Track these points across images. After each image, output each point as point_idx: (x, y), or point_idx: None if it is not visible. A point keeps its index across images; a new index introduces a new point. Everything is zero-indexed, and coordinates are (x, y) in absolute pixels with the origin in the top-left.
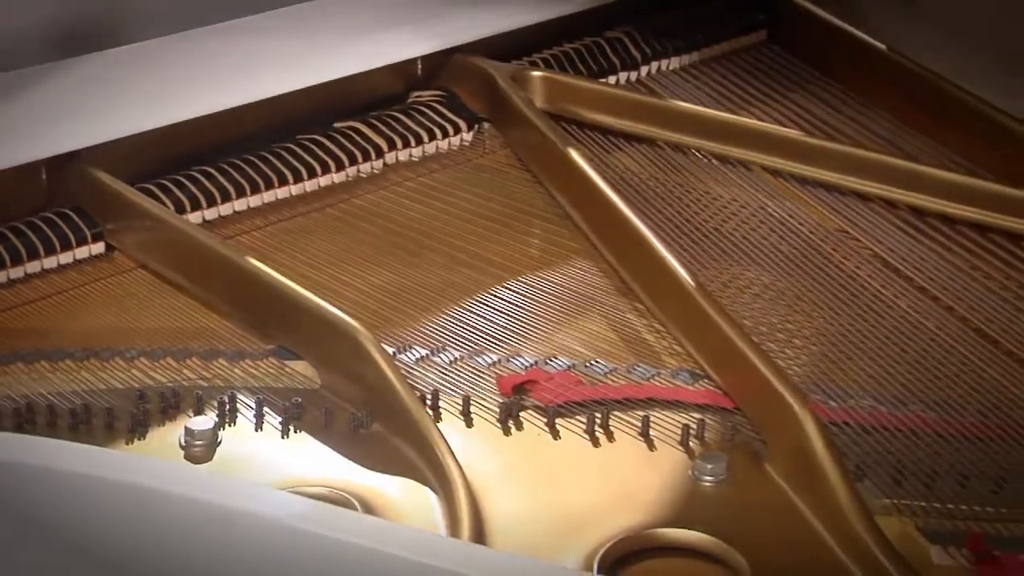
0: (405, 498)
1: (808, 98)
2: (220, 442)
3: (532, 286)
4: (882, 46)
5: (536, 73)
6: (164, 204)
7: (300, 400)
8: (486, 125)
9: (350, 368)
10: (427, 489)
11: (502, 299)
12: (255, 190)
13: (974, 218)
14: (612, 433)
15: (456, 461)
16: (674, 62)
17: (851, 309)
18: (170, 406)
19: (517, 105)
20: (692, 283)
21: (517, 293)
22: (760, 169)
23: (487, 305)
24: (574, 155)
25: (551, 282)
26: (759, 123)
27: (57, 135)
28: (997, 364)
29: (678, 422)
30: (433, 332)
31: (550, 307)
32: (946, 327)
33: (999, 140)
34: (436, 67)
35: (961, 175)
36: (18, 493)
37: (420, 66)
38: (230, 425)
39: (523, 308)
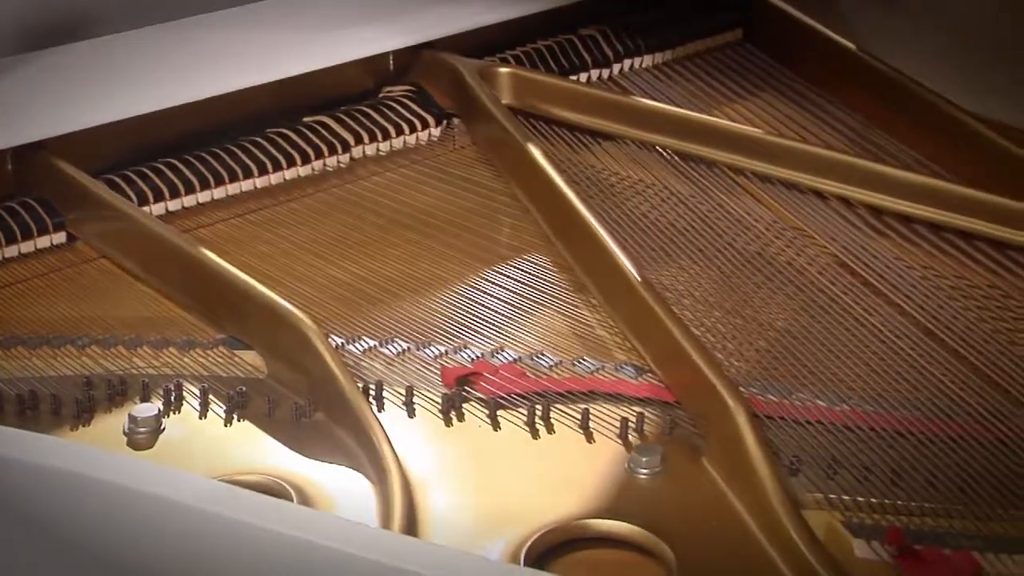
0: (341, 487)
1: (778, 97)
2: (163, 429)
3: (488, 280)
4: (851, 45)
5: (503, 69)
6: (129, 195)
7: (245, 389)
8: (456, 121)
9: (295, 358)
10: (365, 478)
11: (457, 292)
12: (219, 182)
13: (930, 217)
14: (552, 425)
15: (393, 451)
16: (647, 60)
17: (797, 304)
18: (117, 393)
19: (482, 101)
20: (637, 278)
21: (473, 287)
22: (722, 167)
23: (442, 298)
24: (532, 151)
25: (507, 276)
26: (721, 121)
27: (23, 125)
28: (939, 362)
29: (618, 415)
30: (385, 324)
31: (504, 301)
32: (890, 324)
33: (958, 138)
34: (407, 63)
35: (916, 174)
36: None
37: (392, 61)
38: (175, 413)
39: (477, 301)
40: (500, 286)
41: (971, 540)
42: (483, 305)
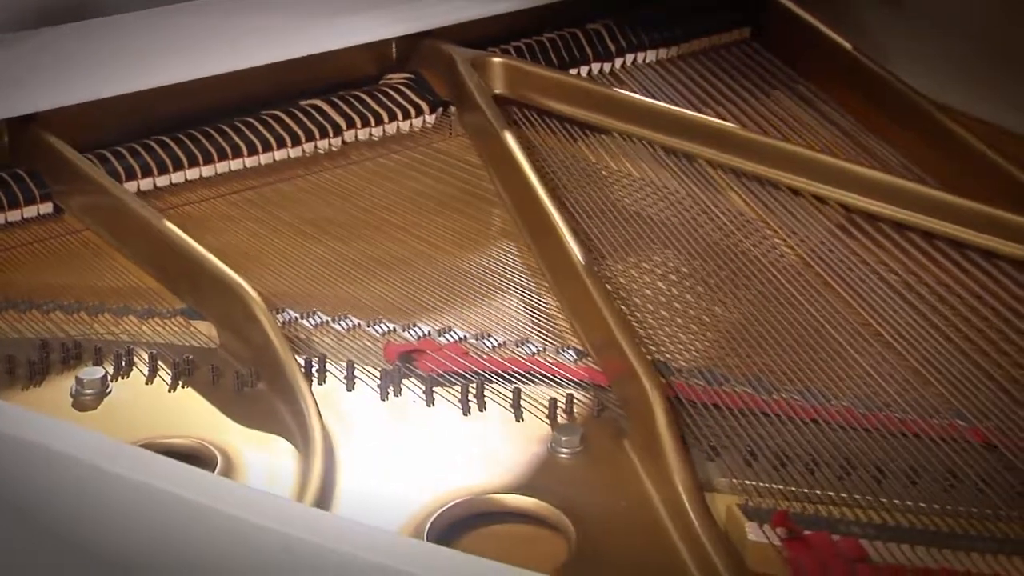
0: (266, 455)
1: (778, 96)
2: (110, 392)
3: (455, 263)
4: (847, 44)
5: (496, 60)
6: (119, 171)
7: (191, 357)
8: (452, 109)
9: (241, 329)
10: (292, 448)
11: (423, 274)
12: (208, 161)
13: (892, 215)
14: (485, 403)
15: (321, 423)
16: (650, 55)
17: (756, 298)
18: (71, 357)
19: (469, 89)
20: (583, 265)
21: (440, 269)
22: (703, 161)
23: (406, 279)
24: (508, 138)
25: (474, 260)
26: (706, 117)
27: (20, 98)
28: (869, 355)
29: (550, 396)
30: (346, 301)
31: (467, 283)
32: (831, 317)
33: (945, 144)
34: (410, 51)
35: (887, 175)
36: None
37: (395, 49)
38: (123, 377)
39: (440, 283)
40: (465, 270)
41: (861, 527)
42: (444, 286)
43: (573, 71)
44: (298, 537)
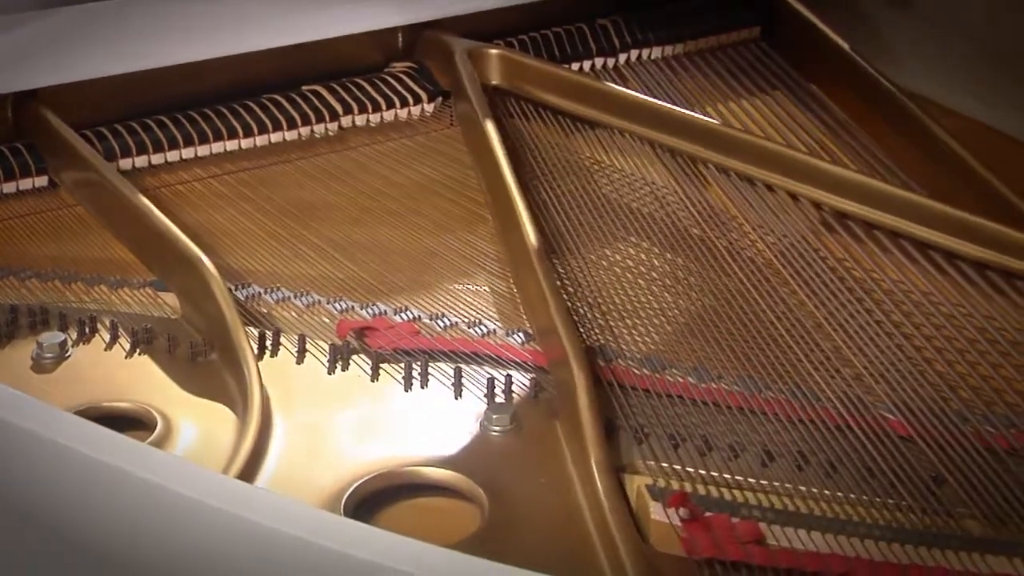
0: (207, 421)
1: (778, 96)
2: (69, 356)
3: (430, 247)
4: (845, 45)
5: (493, 51)
6: (114, 147)
7: (150, 326)
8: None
9: (199, 301)
10: (233, 416)
11: (396, 256)
12: (204, 140)
13: (861, 214)
14: (427, 380)
15: (262, 392)
16: (655, 52)
17: (712, 288)
18: (37, 322)
19: (461, 78)
20: (535, 250)
21: (412, 253)
22: (688, 156)
23: (379, 261)
24: (489, 127)
25: (448, 245)
26: (686, 112)
27: (23, 74)
28: (803, 346)
29: (490, 376)
30: (311, 279)
31: (434, 266)
32: (775, 308)
33: (923, 142)
34: (416, 40)
35: (855, 174)
36: None
37: (401, 38)
38: (85, 343)
39: (409, 266)
40: (437, 254)
41: (762, 512)
42: (414, 269)
43: (576, 66)
44: (218, 507)
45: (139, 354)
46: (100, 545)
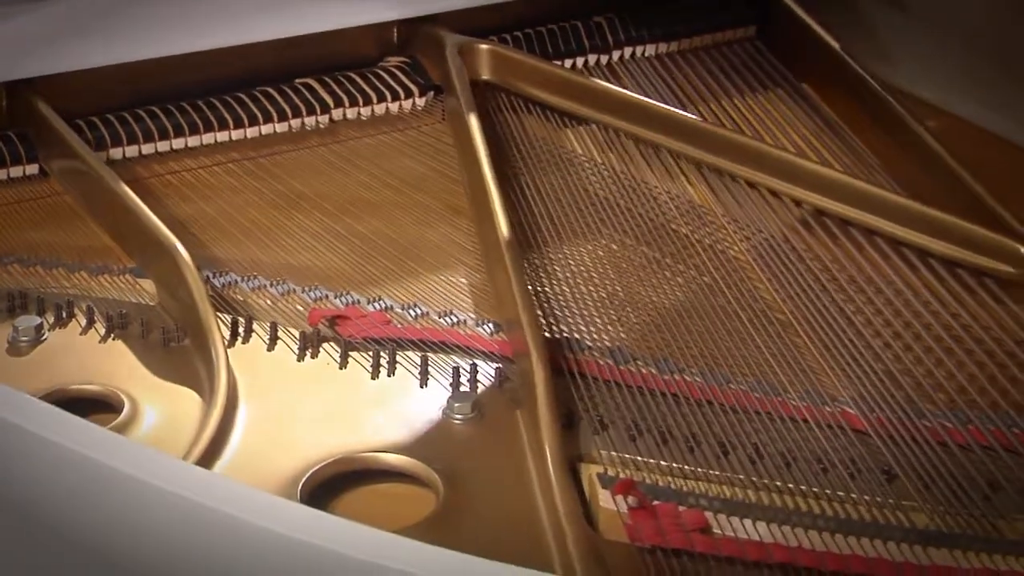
0: (173, 405)
1: (769, 95)
2: (45, 339)
3: (410, 239)
4: (835, 44)
5: (483, 46)
6: (105, 136)
7: (125, 311)
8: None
9: (173, 288)
10: (200, 401)
11: (376, 247)
12: (194, 131)
13: (837, 211)
14: (395, 369)
15: (229, 379)
16: (649, 49)
17: (683, 282)
18: (16, 306)
19: (450, 73)
20: (506, 243)
21: (393, 244)
22: (665, 151)
23: (358, 251)
24: (472, 121)
25: (428, 237)
26: (669, 108)
27: (16, 64)
28: (766, 340)
29: (455, 365)
30: (290, 268)
31: (412, 257)
32: (743, 301)
33: (906, 141)
34: (411, 35)
35: (833, 171)
36: None
37: (396, 33)
38: (61, 327)
39: (388, 256)
40: (417, 245)
41: (708, 501)
42: (392, 259)
43: (570, 62)
44: (180, 495)
45: (113, 339)
46: (64, 528)
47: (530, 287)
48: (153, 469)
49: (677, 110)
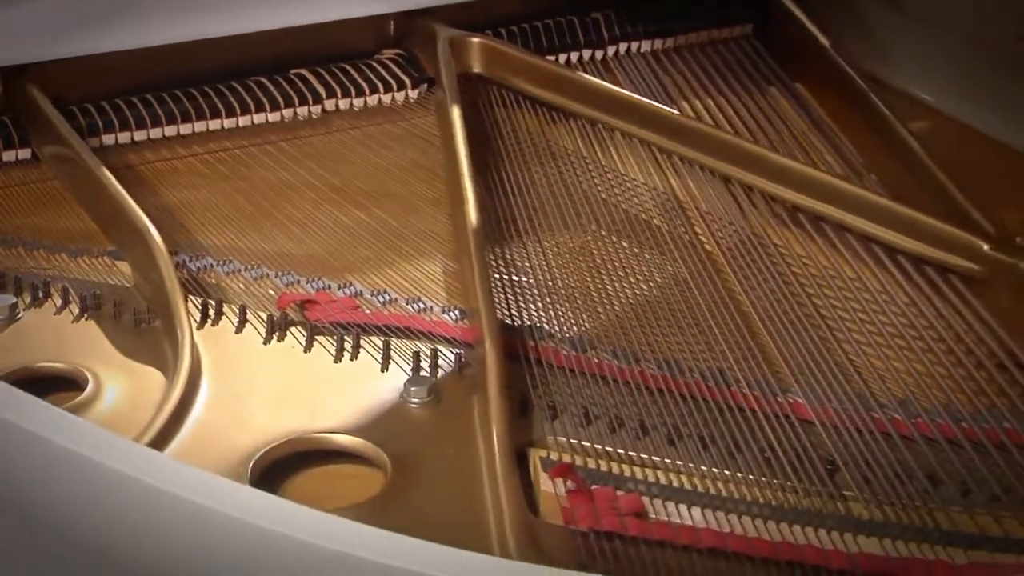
0: (137, 384)
1: (760, 93)
2: (19, 318)
3: (391, 228)
4: (825, 41)
5: (475, 39)
6: (98, 123)
7: (99, 292)
8: None
9: (146, 271)
10: (164, 381)
11: (356, 236)
12: (186, 119)
13: (810, 207)
14: (358, 353)
15: (192, 360)
16: (645, 45)
17: (652, 274)
18: None
19: (439, 65)
20: (473, 232)
21: (373, 233)
22: (648, 146)
23: (338, 239)
24: (455, 112)
25: (410, 226)
26: (656, 105)
27: (12, 51)
28: (729, 333)
29: (418, 349)
30: (266, 254)
31: (390, 246)
32: (711, 297)
33: (889, 140)
34: (407, 29)
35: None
36: None
37: (393, 26)
38: (37, 307)
39: (367, 245)
40: (397, 234)
41: (647, 486)
42: (371, 247)
43: (564, 57)
44: (135, 478)
45: (86, 319)
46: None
47: (498, 275)
48: (111, 451)
49: (660, 105)
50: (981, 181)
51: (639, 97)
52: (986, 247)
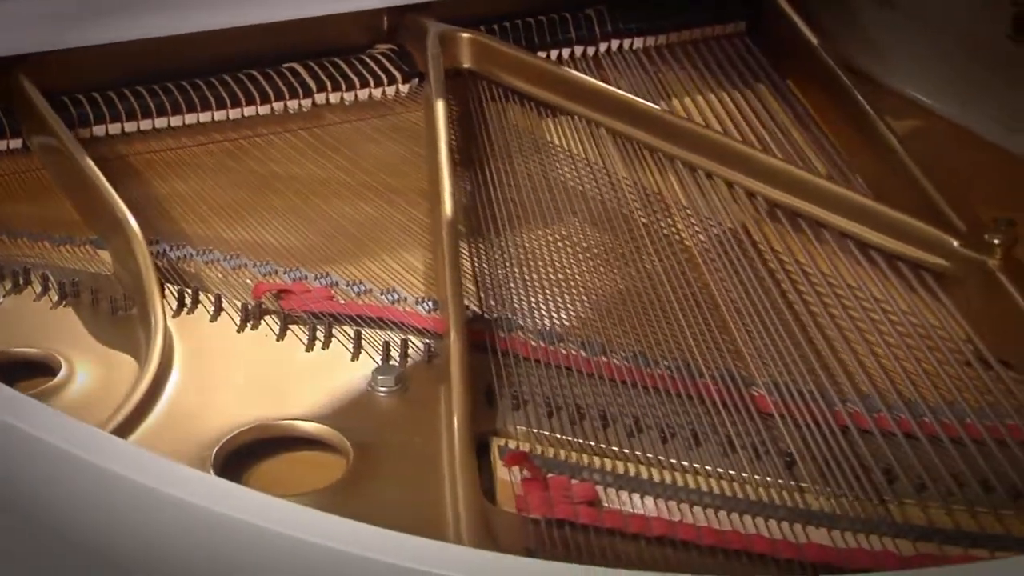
0: (108, 369)
1: (750, 91)
2: (1, 303)
3: (373, 220)
4: (813, 39)
5: (464, 35)
6: (88, 114)
7: (77, 280)
8: None
9: (123, 258)
10: (136, 367)
11: (338, 227)
12: (176, 111)
13: (787, 203)
14: (329, 342)
15: (164, 347)
16: (637, 42)
17: (626, 267)
18: None
19: (427, 60)
20: (447, 224)
21: (355, 224)
22: (634, 142)
23: (319, 231)
24: (439, 106)
25: (392, 218)
26: (640, 101)
27: (5, 42)
28: (699, 327)
29: (388, 339)
30: (248, 244)
31: (371, 237)
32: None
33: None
34: (400, 24)
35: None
36: None
37: (386, 21)
38: (16, 293)
39: (348, 236)
40: (378, 225)
41: (602, 475)
42: (351, 239)
43: (555, 53)
44: (97, 464)
45: (64, 306)
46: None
47: (473, 267)
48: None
49: (645, 102)
50: (972, 181)
51: (625, 94)
52: (956, 243)
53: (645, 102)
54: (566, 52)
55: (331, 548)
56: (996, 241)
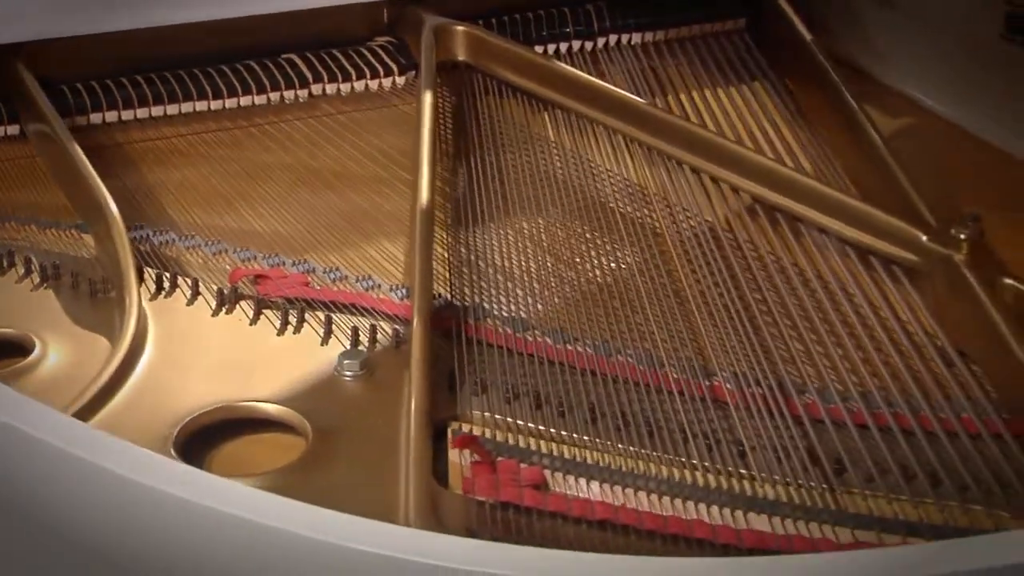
0: (81, 350)
1: (745, 87)
2: None
3: (359, 208)
4: (807, 35)
5: (459, 28)
6: (85, 103)
7: (58, 263)
8: None
9: (103, 241)
10: (110, 348)
11: (323, 215)
12: (173, 100)
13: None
14: (301, 327)
15: (138, 327)
16: (635, 37)
17: (605, 259)
18: None
19: (421, 52)
20: (423, 214)
21: (342, 213)
22: (621, 135)
23: (303, 218)
24: (426, 97)
25: (379, 208)
26: (631, 97)
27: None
28: (664, 318)
29: (357, 324)
30: (230, 231)
31: (355, 226)
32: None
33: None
34: (399, 16)
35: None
36: None
37: (386, 14)
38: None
39: (332, 225)
40: (364, 214)
41: (551, 460)
42: (334, 227)
43: (553, 47)
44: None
45: (45, 288)
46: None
47: (449, 255)
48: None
49: (635, 97)
50: (969, 180)
51: (616, 89)
52: (924, 238)
53: (637, 98)
54: (564, 47)
55: (269, 527)
56: (962, 236)
